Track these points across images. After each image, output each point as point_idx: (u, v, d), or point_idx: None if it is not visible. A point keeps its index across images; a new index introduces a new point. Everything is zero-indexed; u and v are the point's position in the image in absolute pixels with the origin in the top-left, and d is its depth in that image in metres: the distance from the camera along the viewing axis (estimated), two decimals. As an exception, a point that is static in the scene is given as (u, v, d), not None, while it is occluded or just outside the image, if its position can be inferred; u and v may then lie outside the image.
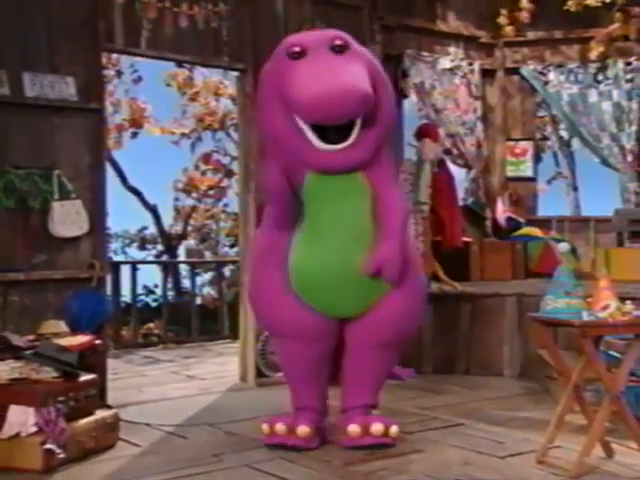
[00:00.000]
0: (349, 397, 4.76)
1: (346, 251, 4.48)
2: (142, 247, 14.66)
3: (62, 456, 4.34)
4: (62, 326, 5.30)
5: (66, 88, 5.70)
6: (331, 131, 4.31)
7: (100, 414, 4.79)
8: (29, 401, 4.37)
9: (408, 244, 4.76)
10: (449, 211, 7.80)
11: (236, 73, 6.97)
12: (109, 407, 5.35)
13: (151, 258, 13.88)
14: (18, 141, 5.51)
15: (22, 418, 4.34)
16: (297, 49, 4.38)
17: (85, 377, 4.77)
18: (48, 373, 4.61)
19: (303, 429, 4.57)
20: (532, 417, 5.48)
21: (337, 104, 4.11)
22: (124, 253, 14.56)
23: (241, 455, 4.61)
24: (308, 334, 4.56)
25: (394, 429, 4.67)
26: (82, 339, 5.11)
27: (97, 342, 5.31)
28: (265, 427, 4.68)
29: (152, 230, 14.10)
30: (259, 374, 6.58)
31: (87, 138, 5.80)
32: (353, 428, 4.59)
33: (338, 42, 4.39)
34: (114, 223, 14.14)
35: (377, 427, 4.60)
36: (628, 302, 4.45)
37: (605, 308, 4.33)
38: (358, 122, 4.32)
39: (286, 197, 4.50)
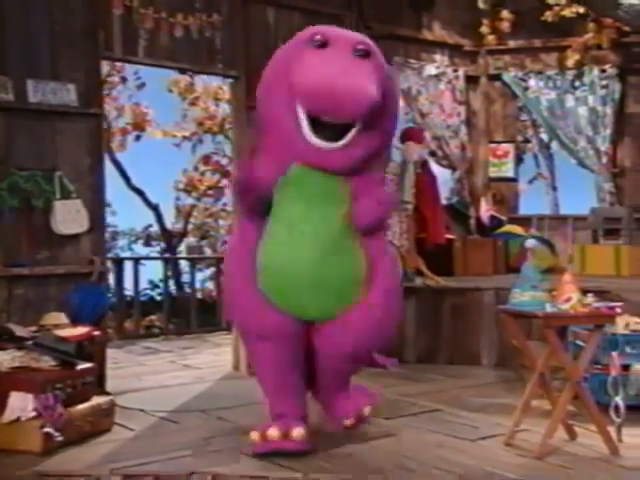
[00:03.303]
0: (334, 412, 4.52)
1: (317, 253, 4.12)
2: (147, 244, 14.68)
3: (60, 439, 4.40)
4: (63, 318, 5.36)
5: (67, 94, 5.76)
6: (327, 128, 3.96)
7: (96, 400, 4.83)
8: (29, 388, 4.43)
9: (385, 251, 4.42)
10: (432, 210, 7.87)
11: (230, 80, 7.04)
12: (107, 394, 5.42)
13: (155, 254, 13.93)
14: (22, 144, 5.57)
15: (22, 404, 4.41)
16: (320, 38, 3.99)
17: (82, 366, 4.81)
18: (47, 362, 4.67)
19: (299, 431, 4.22)
20: (505, 403, 5.51)
21: (342, 100, 3.79)
22: (130, 249, 14.64)
23: (229, 439, 4.65)
24: (271, 333, 4.20)
25: (367, 409, 4.55)
26: (81, 330, 5.18)
27: (95, 333, 5.37)
28: (255, 435, 4.27)
29: (157, 228, 14.16)
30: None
31: (87, 141, 5.85)
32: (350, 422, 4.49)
33: (361, 47, 4.01)
34: (121, 221, 14.30)
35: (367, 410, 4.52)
36: (589, 295, 4.53)
37: (567, 300, 4.41)
38: (357, 126, 3.98)
39: (255, 199, 4.20)
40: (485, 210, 9.58)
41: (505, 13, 9.37)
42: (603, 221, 9.00)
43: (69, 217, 5.67)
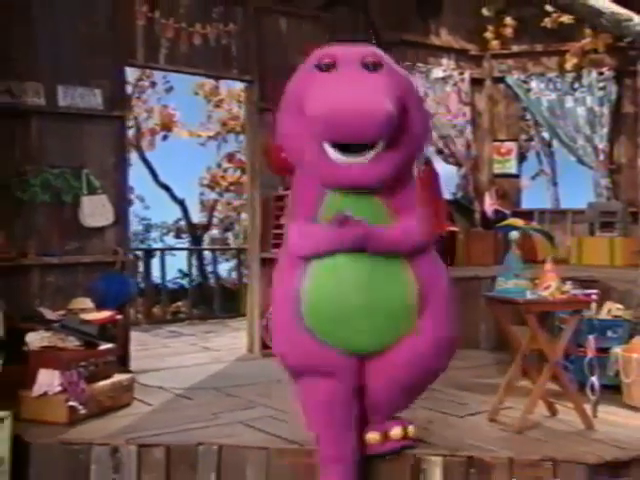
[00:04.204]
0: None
1: (362, 281, 3.62)
2: (178, 236, 14.92)
3: (83, 412, 4.58)
4: (88, 303, 5.53)
5: (94, 99, 5.91)
6: (352, 146, 3.50)
7: (117, 377, 4.99)
8: (55, 365, 4.60)
9: (438, 273, 3.84)
10: (434, 204, 7.94)
11: (244, 84, 7.17)
12: (130, 372, 5.62)
13: (185, 246, 14.14)
14: (52, 144, 5.72)
15: (49, 379, 4.58)
16: (327, 60, 3.60)
17: (104, 346, 4.99)
18: (72, 342, 4.84)
19: None
20: (497, 383, 5.50)
21: (352, 124, 3.37)
22: (162, 241, 14.89)
23: (237, 414, 4.79)
24: (322, 368, 3.71)
25: (411, 429, 3.97)
26: (104, 314, 5.36)
27: (118, 317, 5.56)
28: None
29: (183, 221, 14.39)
30: (264, 346, 6.77)
31: (111, 142, 6.00)
32: (373, 435, 3.89)
33: (370, 59, 3.59)
34: (154, 215, 14.55)
35: (396, 431, 3.91)
36: (568, 283, 4.63)
37: (547, 288, 4.52)
38: (380, 143, 3.51)
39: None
40: (489, 204, 9.65)
41: (508, 20, 9.43)
42: (599, 215, 9.04)
43: (95, 211, 5.84)
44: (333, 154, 3.52)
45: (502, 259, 8.71)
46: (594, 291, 4.65)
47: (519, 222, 9.40)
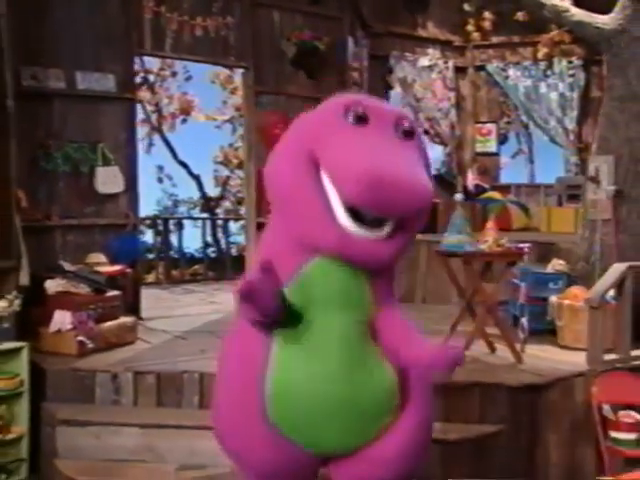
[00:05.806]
0: None
1: (341, 370, 2.78)
2: (202, 210, 15.23)
3: (91, 346, 4.91)
4: (102, 258, 5.85)
5: (108, 83, 6.15)
6: (363, 215, 2.70)
7: (123, 319, 5.31)
8: (68, 307, 4.92)
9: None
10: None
11: (241, 70, 7.42)
12: (141, 318, 5.99)
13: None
14: (72, 123, 5.97)
15: (63, 319, 4.91)
16: (362, 111, 2.76)
17: (111, 293, 5.32)
18: (83, 289, 5.18)
19: None
20: (458, 330, 5.86)
21: (396, 198, 2.58)
22: (189, 214, 15.23)
23: (222, 350, 5.11)
24: (284, 474, 2.96)
25: None
26: (114, 267, 5.70)
27: (127, 270, 5.88)
28: None
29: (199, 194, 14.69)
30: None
31: (123, 120, 6.24)
32: None
33: (406, 125, 2.84)
34: (181, 192, 14.91)
35: None
36: (505, 238, 4.88)
37: (485, 242, 4.78)
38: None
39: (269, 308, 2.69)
40: (471, 179, 9.88)
41: (487, 14, 9.60)
42: (566, 188, 9.24)
43: (109, 180, 6.12)
44: (348, 223, 2.70)
45: (480, 228, 9.13)
46: (527, 244, 4.89)
47: (497, 195, 9.73)
